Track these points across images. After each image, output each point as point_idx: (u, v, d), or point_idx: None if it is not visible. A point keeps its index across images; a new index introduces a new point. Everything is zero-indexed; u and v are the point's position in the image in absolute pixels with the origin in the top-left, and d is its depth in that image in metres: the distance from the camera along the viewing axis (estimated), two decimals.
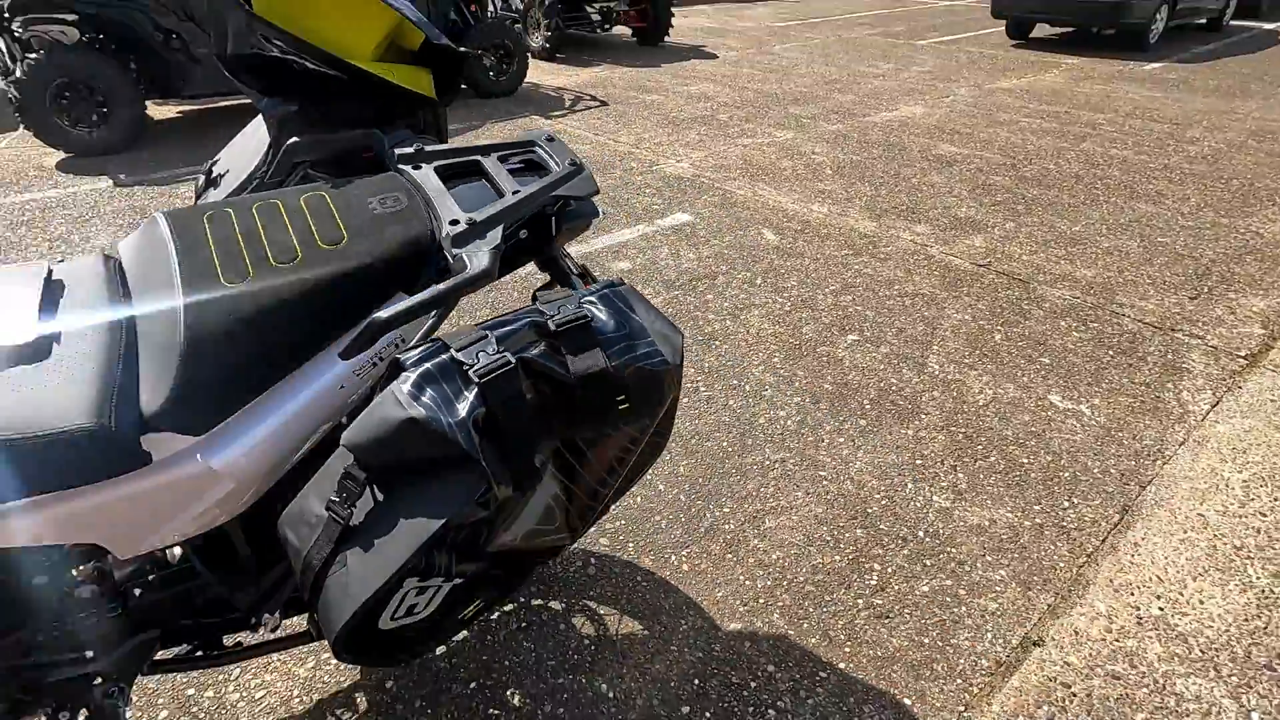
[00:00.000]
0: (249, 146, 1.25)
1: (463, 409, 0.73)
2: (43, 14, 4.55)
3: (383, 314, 0.81)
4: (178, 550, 1.08)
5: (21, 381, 0.78)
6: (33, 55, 4.38)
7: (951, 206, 3.99)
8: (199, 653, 1.21)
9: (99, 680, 1.08)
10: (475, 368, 0.74)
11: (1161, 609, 1.66)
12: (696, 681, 1.50)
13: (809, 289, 3.08)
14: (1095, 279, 3.19)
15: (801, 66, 7.87)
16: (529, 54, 7.07)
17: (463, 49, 1.24)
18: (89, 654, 1.04)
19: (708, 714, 1.43)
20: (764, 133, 5.37)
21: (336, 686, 1.47)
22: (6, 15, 4.50)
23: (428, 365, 0.75)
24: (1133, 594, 1.70)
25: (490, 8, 6.81)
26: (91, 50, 4.58)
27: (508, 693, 1.47)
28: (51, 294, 0.89)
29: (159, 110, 5.83)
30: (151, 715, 1.42)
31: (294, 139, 1.10)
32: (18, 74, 4.33)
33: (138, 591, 1.06)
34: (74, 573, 1.00)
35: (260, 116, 1.22)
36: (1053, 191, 4.22)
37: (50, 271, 0.92)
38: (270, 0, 1.14)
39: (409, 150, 1.06)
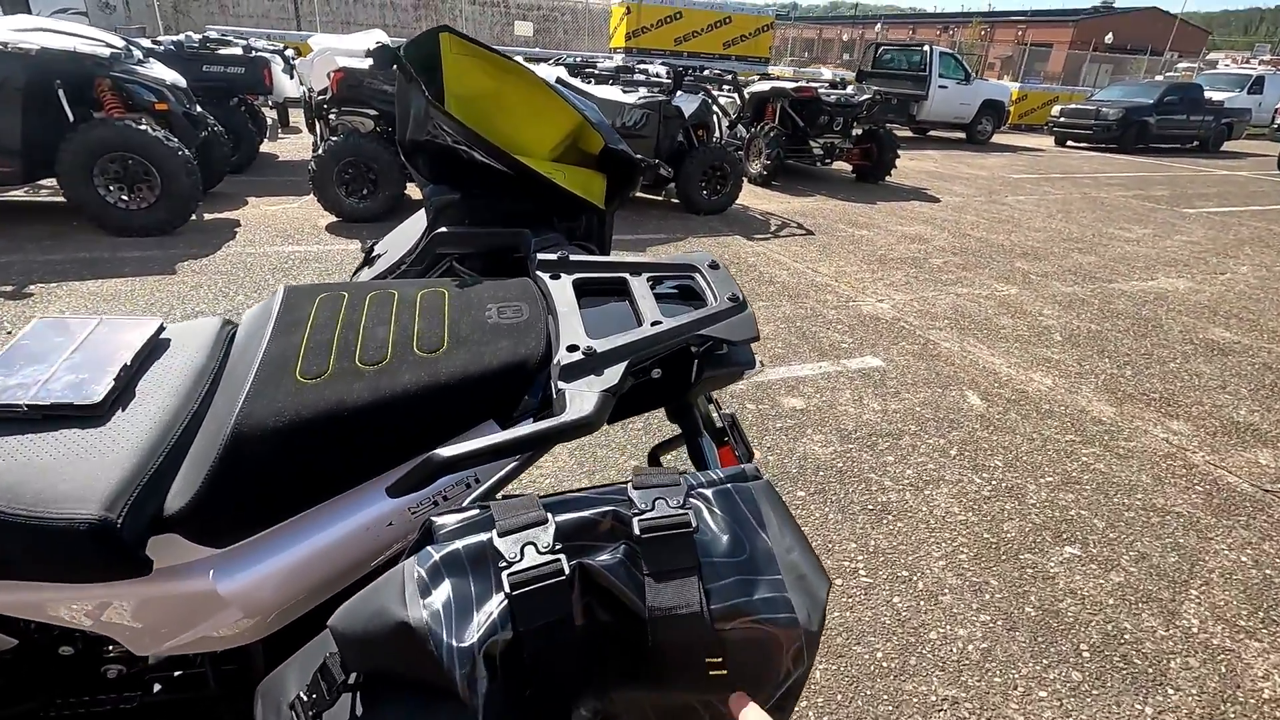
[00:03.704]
0: (410, 231, 1.21)
1: (474, 629, 0.50)
2: (352, 107, 5.56)
3: (444, 452, 0.63)
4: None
5: (66, 445, 0.70)
6: (335, 137, 5.32)
7: (1224, 405, 3.19)
8: None
9: None
10: (512, 569, 0.52)
11: None
12: None
13: (1018, 475, 2.54)
14: None
15: (1036, 220, 7.23)
16: (745, 178, 7.28)
17: (640, 158, 1.12)
18: None
19: None
20: (982, 284, 4.87)
21: None
22: (327, 105, 5.57)
23: (457, 545, 0.54)
24: None
25: (717, 133, 7.16)
26: (379, 138, 5.45)
27: None
28: (150, 354, 0.84)
29: (415, 191, 6.76)
30: None
31: (441, 229, 1.03)
32: (320, 151, 5.26)
33: (156, 687, 0.94)
34: (102, 656, 0.90)
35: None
36: None
37: (160, 329, 0.88)
38: (459, 93, 1.11)
39: (552, 257, 0.92)
